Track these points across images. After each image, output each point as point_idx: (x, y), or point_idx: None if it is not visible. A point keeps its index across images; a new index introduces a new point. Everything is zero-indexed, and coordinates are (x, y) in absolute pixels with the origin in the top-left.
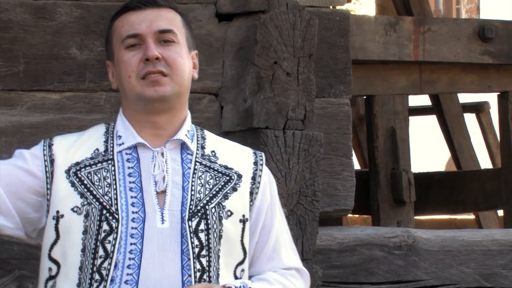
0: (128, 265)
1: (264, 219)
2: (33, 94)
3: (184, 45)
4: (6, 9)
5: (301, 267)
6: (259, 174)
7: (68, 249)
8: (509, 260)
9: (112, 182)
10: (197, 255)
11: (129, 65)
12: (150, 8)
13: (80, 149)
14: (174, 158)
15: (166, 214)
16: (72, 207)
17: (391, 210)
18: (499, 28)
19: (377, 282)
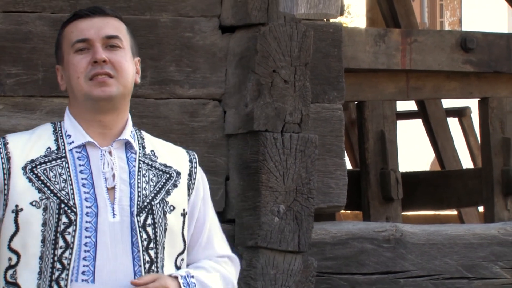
0: (84, 257)
1: (199, 212)
2: (52, 99)
3: (129, 51)
4: (27, 22)
5: (232, 254)
6: (194, 171)
7: (28, 240)
8: (489, 252)
9: (67, 178)
10: (145, 248)
11: (78, 67)
12: (98, 16)
13: (34, 148)
14: (120, 156)
15: (116, 209)
16: (30, 201)
17: (380, 206)
18: (480, 39)
19: (367, 272)
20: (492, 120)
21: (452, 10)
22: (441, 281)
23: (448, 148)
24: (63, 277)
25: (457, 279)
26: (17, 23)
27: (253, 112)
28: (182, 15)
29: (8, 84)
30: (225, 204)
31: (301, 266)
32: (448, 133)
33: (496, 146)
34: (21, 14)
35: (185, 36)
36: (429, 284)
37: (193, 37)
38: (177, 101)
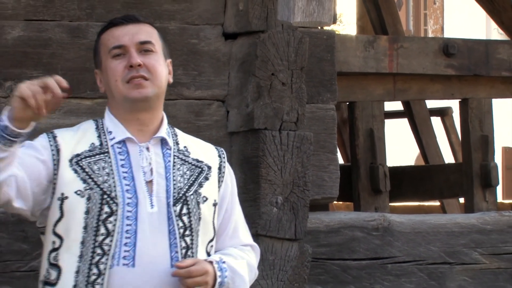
0: (125, 243)
1: (227, 203)
2: (69, 100)
3: (161, 54)
4: (47, 29)
5: (254, 244)
6: (223, 166)
7: (71, 226)
8: (469, 240)
9: (110, 172)
10: (182, 235)
11: (115, 72)
12: (132, 23)
13: (79, 143)
14: (157, 152)
15: (154, 200)
16: (75, 190)
17: (369, 198)
18: (461, 45)
19: (358, 258)
20: (471, 119)
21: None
22: (425, 266)
23: (431, 144)
24: (103, 261)
25: (440, 264)
26: (38, 31)
27: (254, 112)
28: (189, 23)
29: None
30: None
31: (297, 252)
32: (431, 131)
33: (476, 143)
34: (41, 22)
35: (192, 43)
36: (414, 269)
37: (198, 44)
38: (184, 101)
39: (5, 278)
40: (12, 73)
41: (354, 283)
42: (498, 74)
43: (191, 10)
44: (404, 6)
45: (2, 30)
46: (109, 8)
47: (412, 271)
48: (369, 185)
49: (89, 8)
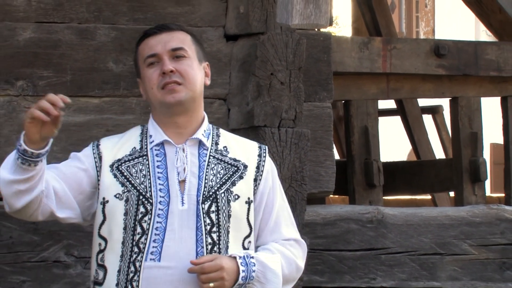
0: (154, 239)
1: (267, 200)
2: (78, 99)
3: (195, 58)
4: (56, 31)
5: (299, 238)
6: (262, 164)
7: (113, 227)
8: (459, 232)
9: (146, 174)
10: (208, 231)
11: (151, 79)
12: (165, 32)
13: (122, 149)
14: (193, 152)
15: (185, 198)
16: (115, 194)
17: (364, 192)
18: (451, 46)
19: (353, 249)
20: (461, 117)
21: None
22: (417, 257)
23: (423, 141)
24: (139, 259)
25: (431, 255)
26: (48, 32)
27: (254, 110)
28: (192, 25)
29: (40, 85)
30: None
31: None
32: (423, 128)
33: (465, 139)
34: (51, 25)
35: None
36: (406, 260)
37: None
38: None
39: (16, 268)
40: (24, 73)
41: (350, 273)
42: (486, 74)
43: (193, 12)
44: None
45: (14, 31)
46: (116, 11)
47: (404, 262)
48: (363, 180)
49: (97, 11)
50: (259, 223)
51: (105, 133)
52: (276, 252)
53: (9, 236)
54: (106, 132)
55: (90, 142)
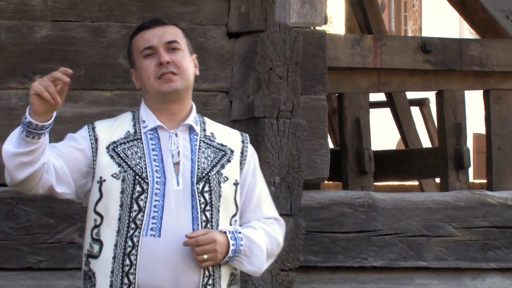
0: (153, 216)
1: (249, 182)
2: (91, 92)
3: (186, 51)
4: (71, 29)
5: (278, 217)
6: (245, 150)
7: (109, 205)
8: (444, 215)
9: (142, 156)
10: (203, 210)
11: (148, 70)
12: (158, 26)
13: (116, 132)
14: (185, 137)
15: (180, 179)
16: (112, 173)
17: (356, 178)
18: (437, 43)
19: (346, 231)
20: (446, 108)
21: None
22: (405, 238)
23: (411, 131)
24: (136, 234)
25: (418, 237)
26: (63, 30)
27: (254, 102)
28: (197, 24)
29: None
30: None
31: (292, 226)
32: (411, 119)
33: (450, 129)
34: (66, 23)
35: (199, 41)
36: (395, 241)
37: (205, 42)
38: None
39: (34, 249)
40: (41, 68)
41: (343, 253)
42: (469, 69)
43: (198, 12)
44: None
45: (31, 29)
46: (126, 10)
47: (394, 243)
48: (356, 167)
49: (108, 10)
50: (242, 203)
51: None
52: (259, 229)
53: (27, 219)
54: None
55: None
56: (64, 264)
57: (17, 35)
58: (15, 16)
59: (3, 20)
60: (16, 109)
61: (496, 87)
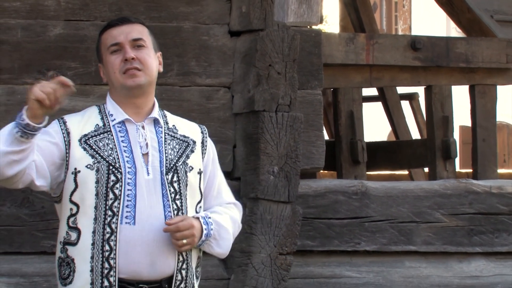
0: (127, 205)
1: (210, 170)
2: (101, 87)
3: (151, 48)
4: (83, 28)
5: (236, 202)
6: (205, 140)
7: (85, 194)
8: (432, 202)
9: (113, 147)
10: (173, 199)
11: (114, 65)
12: (126, 24)
13: (86, 125)
14: (151, 130)
15: (150, 169)
16: (86, 164)
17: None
18: (425, 41)
19: (340, 217)
20: (434, 102)
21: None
22: (396, 224)
23: (401, 123)
24: (114, 221)
25: (408, 223)
26: (76, 29)
27: (254, 96)
28: (201, 23)
29: (69, 75)
30: (233, 166)
31: (290, 212)
32: (401, 112)
33: (438, 122)
34: (78, 22)
35: (203, 39)
36: (387, 227)
37: (208, 40)
38: (197, 88)
39: (48, 234)
40: (54, 64)
41: (337, 238)
42: (456, 65)
43: (202, 12)
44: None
45: (45, 28)
46: (134, 11)
47: (385, 228)
48: (349, 157)
49: (118, 10)
50: (204, 190)
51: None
52: (223, 213)
53: (41, 206)
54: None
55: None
56: None
57: (32, 34)
58: (30, 16)
59: (19, 20)
60: None
61: (481, 83)
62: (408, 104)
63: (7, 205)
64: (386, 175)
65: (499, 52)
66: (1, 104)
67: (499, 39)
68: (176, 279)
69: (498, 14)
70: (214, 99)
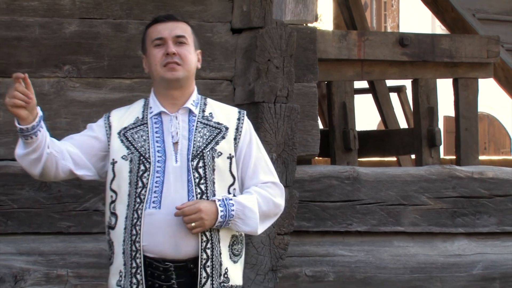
0: (154, 191)
1: (245, 153)
2: (113, 80)
3: (192, 46)
4: (96, 25)
5: (276, 181)
6: (240, 126)
7: (121, 183)
8: (418, 187)
9: (146, 138)
10: (197, 183)
11: (156, 57)
12: (171, 21)
13: (127, 118)
14: (184, 119)
15: (178, 157)
16: (122, 155)
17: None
18: (412, 38)
19: (334, 201)
20: (421, 94)
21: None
22: (385, 207)
23: (390, 114)
24: (140, 207)
25: (396, 205)
26: (89, 26)
27: (254, 89)
28: (205, 21)
29: (83, 69)
30: None
31: (287, 196)
32: (390, 103)
33: (424, 112)
34: (92, 20)
35: (207, 36)
36: (377, 209)
37: (212, 37)
38: (202, 81)
39: (64, 216)
40: (70, 59)
41: (331, 219)
42: (441, 60)
43: (206, 11)
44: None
45: (61, 26)
46: (144, 9)
47: (375, 211)
48: (342, 145)
49: (128, 9)
50: (240, 172)
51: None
52: (254, 193)
53: (58, 190)
54: None
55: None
56: (90, 229)
57: (49, 31)
58: (47, 14)
59: (37, 18)
60: (48, 95)
61: (464, 76)
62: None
63: (26, 189)
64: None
65: (480, 48)
66: None
67: (481, 36)
68: (202, 258)
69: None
70: (217, 91)
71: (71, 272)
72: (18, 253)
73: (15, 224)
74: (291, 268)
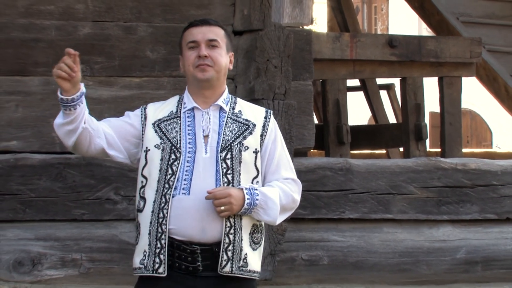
0: (184, 179)
1: (270, 150)
2: (124, 78)
3: (224, 48)
4: (107, 28)
5: (295, 178)
6: (267, 124)
7: (152, 169)
8: (406, 177)
9: (178, 130)
10: (224, 173)
11: (189, 59)
12: (205, 25)
13: (162, 111)
14: (215, 115)
15: (208, 149)
16: (154, 144)
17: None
18: (401, 40)
19: (328, 190)
20: (408, 92)
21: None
22: (375, 196)
23: (380, 110)
24: (168, 193)
25: (386, 195)
26: (101, 29)
27: (254, 87)
28: None
29: (96, 68)
30: None
31: None
32: (380, 100)
33: (411, 108)
34: (104, 23)
35: None
36: (368, 198)
37: None
38: None
39: (78, 204)
40: (83, 59)
41: (325, 207)
42: (427, 60)
43: (210, 14)
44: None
45: (76, 28)
46: (152, 13)
47: (366, 199)
48: (336, 139)
49: (137, 13)
50: (265, 167)
51: (144, 104)
52: (276, 186)
53: (73, 180)
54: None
55: (133, 111)
56: (102, 216)
57: (64, 33)
58: (63, 17)
59: (53, 21)
60: None
61: (448, 75)
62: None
63: (43, 179)
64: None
65: (464, 49)
66: (37, 93)
67: (464, 38)
68: (224, 242)
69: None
70: None
71: (85, 256)
72: (35, 239)
73: (33, 212)
74: (288, 252)
